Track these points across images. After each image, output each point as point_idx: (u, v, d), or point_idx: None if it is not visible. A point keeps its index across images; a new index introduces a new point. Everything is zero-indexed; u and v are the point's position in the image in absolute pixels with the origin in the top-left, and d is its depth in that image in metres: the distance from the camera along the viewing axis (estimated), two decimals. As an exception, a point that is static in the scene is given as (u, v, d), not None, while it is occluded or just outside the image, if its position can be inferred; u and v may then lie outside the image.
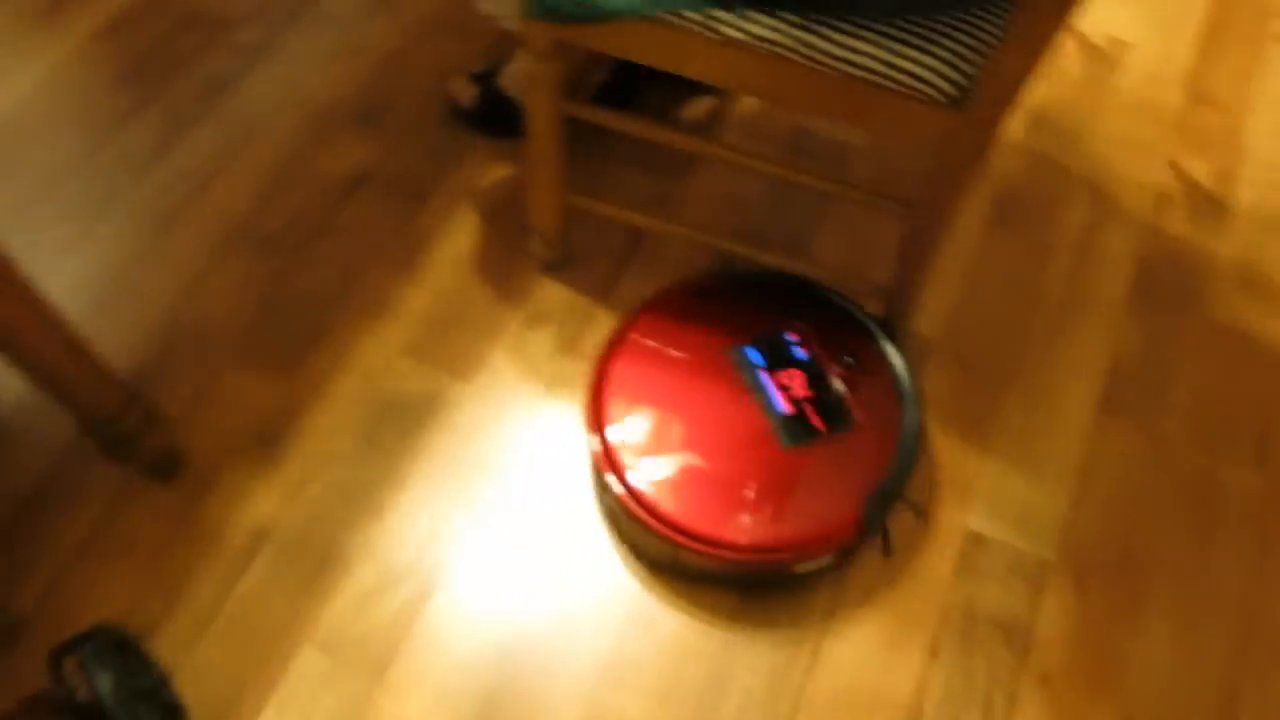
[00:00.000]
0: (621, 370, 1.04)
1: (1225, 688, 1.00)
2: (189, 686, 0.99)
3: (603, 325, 1.21)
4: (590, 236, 1.28)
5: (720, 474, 0.99)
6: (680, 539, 0.96)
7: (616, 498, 0.99)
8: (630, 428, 1.01)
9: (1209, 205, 1.33)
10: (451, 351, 1.19)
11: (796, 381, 1.03)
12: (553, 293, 1.24)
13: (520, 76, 1.30)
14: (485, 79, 1.34)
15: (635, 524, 0.99)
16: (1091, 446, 1.14)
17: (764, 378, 1.03)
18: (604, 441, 1.00)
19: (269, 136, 1.37)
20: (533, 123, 1.04)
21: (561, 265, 1.25)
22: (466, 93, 1.34)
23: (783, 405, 1.02)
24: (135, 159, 1.35)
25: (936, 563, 1.07)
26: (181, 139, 1.37)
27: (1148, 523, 1.09)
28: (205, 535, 1.07)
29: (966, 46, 0.82)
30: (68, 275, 1.24)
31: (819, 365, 1.04)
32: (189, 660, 1.00)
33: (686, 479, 0.98)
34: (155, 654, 1.00)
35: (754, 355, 1.05)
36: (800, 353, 1.05)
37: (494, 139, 1.36)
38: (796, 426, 1.01)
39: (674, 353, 1.05)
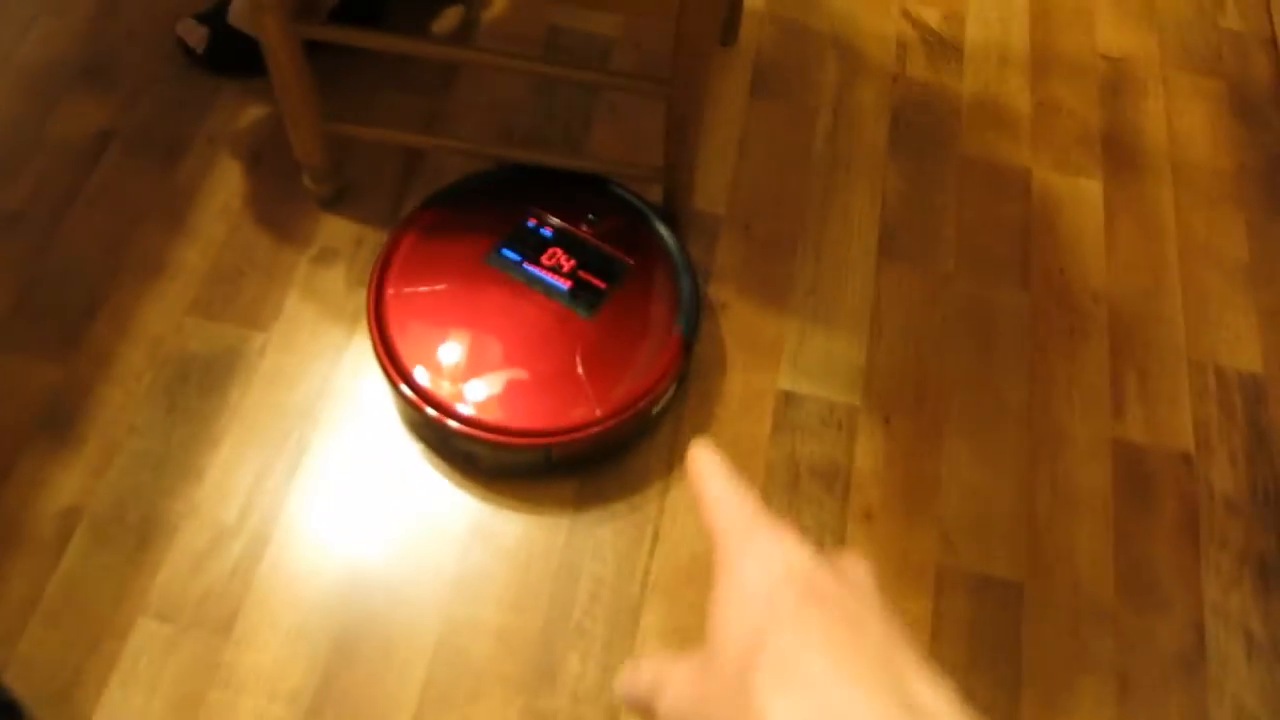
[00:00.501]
0: (399, 317, 1.04)
1: (1023, 486, 1.12)
2: (19, 681, 0.95)
3: (393, 250, 1.20)
4: (366, 165, 1.26)
5: (545, 371, 1.01)
6: (549, 440, 0.99)
7: (457, 433, 1.00)
8: (436, 367, 1.01)
9: (944, 48, 1.43)
10: (241, 302, 1.16)
11: (559, 257, 1.06)
12: (336, 227, 1.21)
13: (248, 8, 1.24)
14: (213, 18, 1.27)
15: (494, 448, 1.00)
16: (878, 292, 1.23)
17: (530, 269, 1.06)
18: (415, 388, 1.01)
19: (-5, 110, 1.27)
20: (271, 54, 1.01)
21: (340, 198, 1.22)
22: (195, 35, 1.27)
23: (561, 284, 1.05)
24: None
25: (754, 424, 1.13)
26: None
27: (936, 354, 1.19)
28: (7, 529, 1.02)
29: (682, -89, 0.85)
30: None
31: (569, 234, 1.09)
32: (14, 655, 0.96)
33: (518, 388, 1.01)
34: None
35: (509, 253, 1.07)
36: (546, 231, 1.09)
37: (236, 79, 1.30)
38: (583, 294, 1.05)
39: (439, 285, 1.06)
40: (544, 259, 1.07)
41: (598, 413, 1.00)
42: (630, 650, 1.00)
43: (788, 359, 1.17)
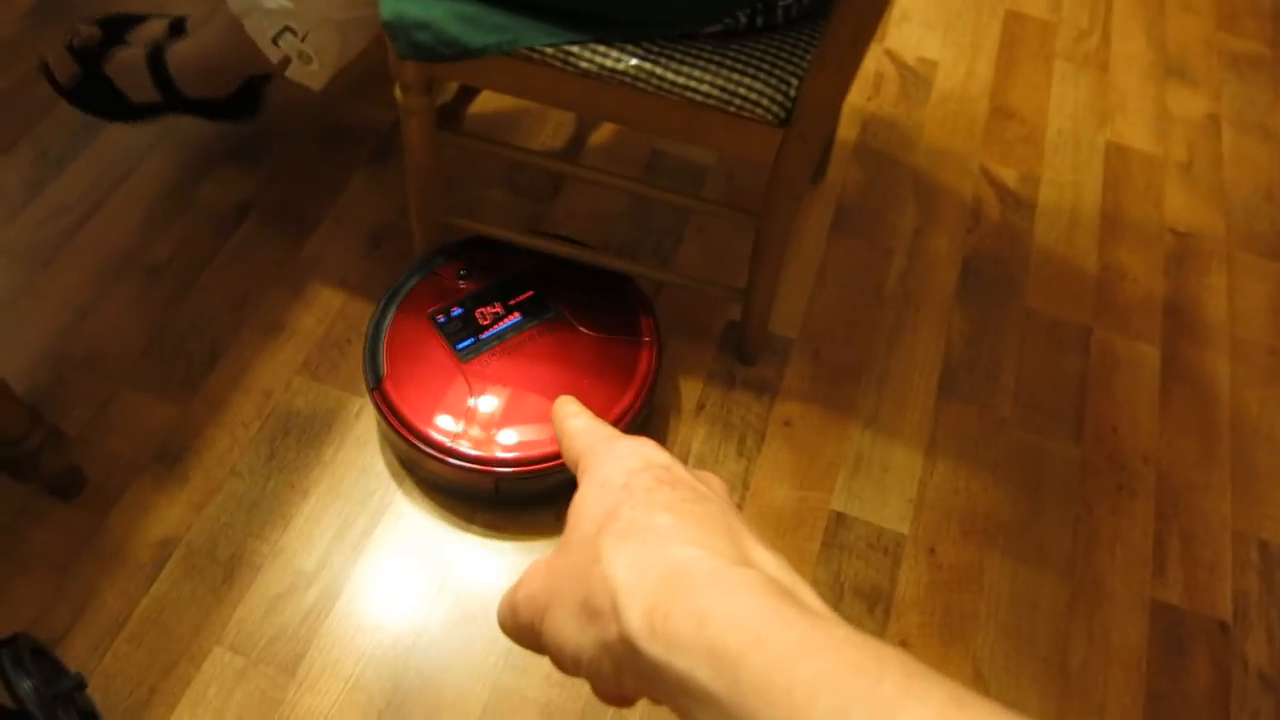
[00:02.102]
0: (414, 399, 1.13)
1: (1059, 633, 1.15)
2: (99, 693, 1.03)
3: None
4: (472, 255, 1.38)
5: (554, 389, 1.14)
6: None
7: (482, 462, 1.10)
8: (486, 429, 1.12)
9: (1018, 206, 1.51)
10: (346, 369, 1.26)
11: (489, 309, 1.19)
12: (439, 308, 1.32)
13: (128, 69, 1.30)
14: (86, 58, 1.31)
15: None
16: (934, 428, 1.29)
17: (485, 335, 1.18)
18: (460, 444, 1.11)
19: (145, 170, 1.42)
20: (411, 153, 1.13)
21: (446, 283, 1.34)
22: (66, 70, 1.31)
23: (512, 319, 1.18)
24: (7, 198, 1.38)
25: (804, 540, 1.19)
26: (56, 176, 1.41)
27: (985, 494, 1.24)
28: (110, 549, 1.12)
29: (788, 73, 0.95)
30: (-47, 312, 1.27)
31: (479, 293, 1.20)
32: (99, 667, 1.04)
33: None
34: (65, 662, 1.04)
35: (462, 345, 1.17)
36: (457, 311, 1.19)
37: (88, 113, 1.35)
38: (534, 309, 1.20)
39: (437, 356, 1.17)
40: (481, 318, 1.18)
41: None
42: None
43: (843, 481, 1.23)
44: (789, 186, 1.04)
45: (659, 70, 0.95)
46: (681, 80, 0.95)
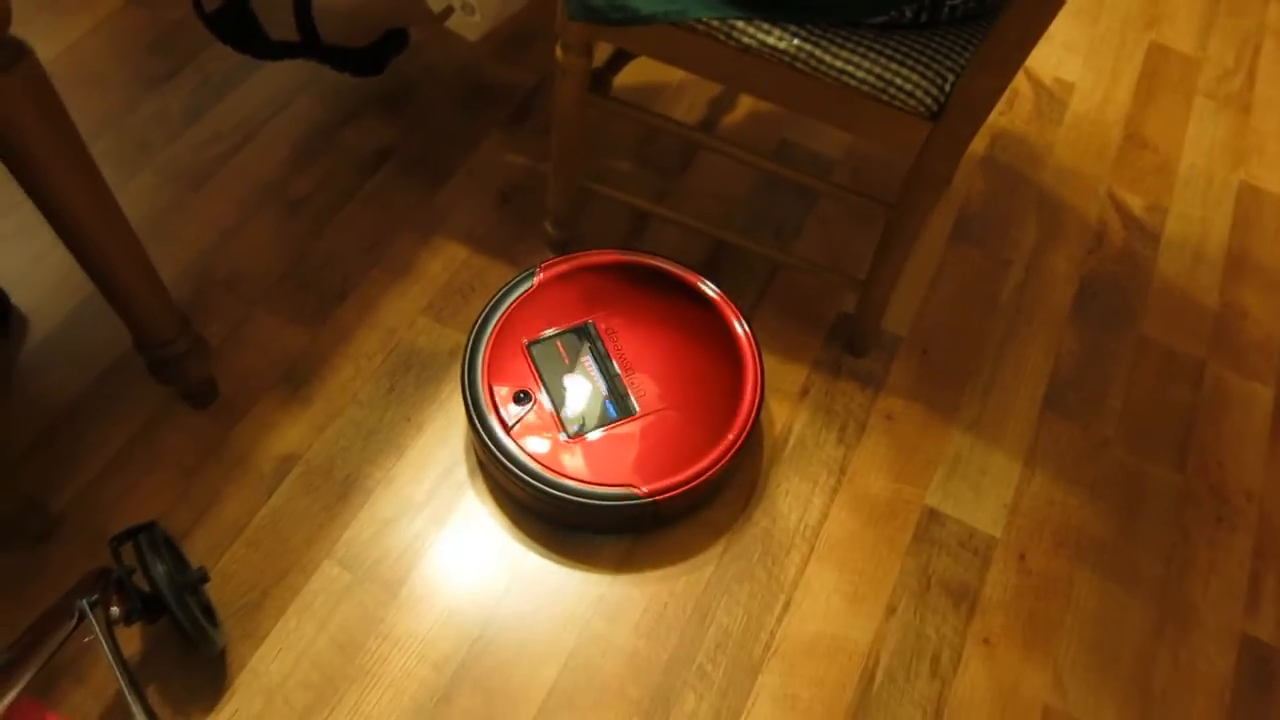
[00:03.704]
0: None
1: (1144, 654, 1.15)
2: (215, 591, 1.09)
3: (605, 300, 1.34)
4: (595, 222, 1.42)
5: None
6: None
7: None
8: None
9: (1142, 234, 1.50)
10: (467, 314, 1.31)
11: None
12: (561, 268, 1.37)
13: (273, 4, 1.29)
14: None
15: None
16: (1035, 440, 1.29)
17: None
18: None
19: (296, 108, 1.49)
20: (560, 115, 1.18)
21: (568, 245, 1.38)
22: None
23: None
24: (168, 121, 1.46)
25: (896, 530, 1.20)
26: (214, 105, 1.48)
27: (1081, 510, 1.24)
28: (235, 458, 1.18)
29: (947, 69, 0.97)
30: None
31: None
32: (217, 567, 1.10)
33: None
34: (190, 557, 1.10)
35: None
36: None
37: (224, 42, 1.37)
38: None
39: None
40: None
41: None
42: (743, 704, 1.07)
43: (939, 479, 1.24)
44: (930, 181, 1.05)
45: (818, 52, 0.98)
46: (839, 64, 0.98)
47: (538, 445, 1.11)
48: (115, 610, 0.93)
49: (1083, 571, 1.20)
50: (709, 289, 1.22)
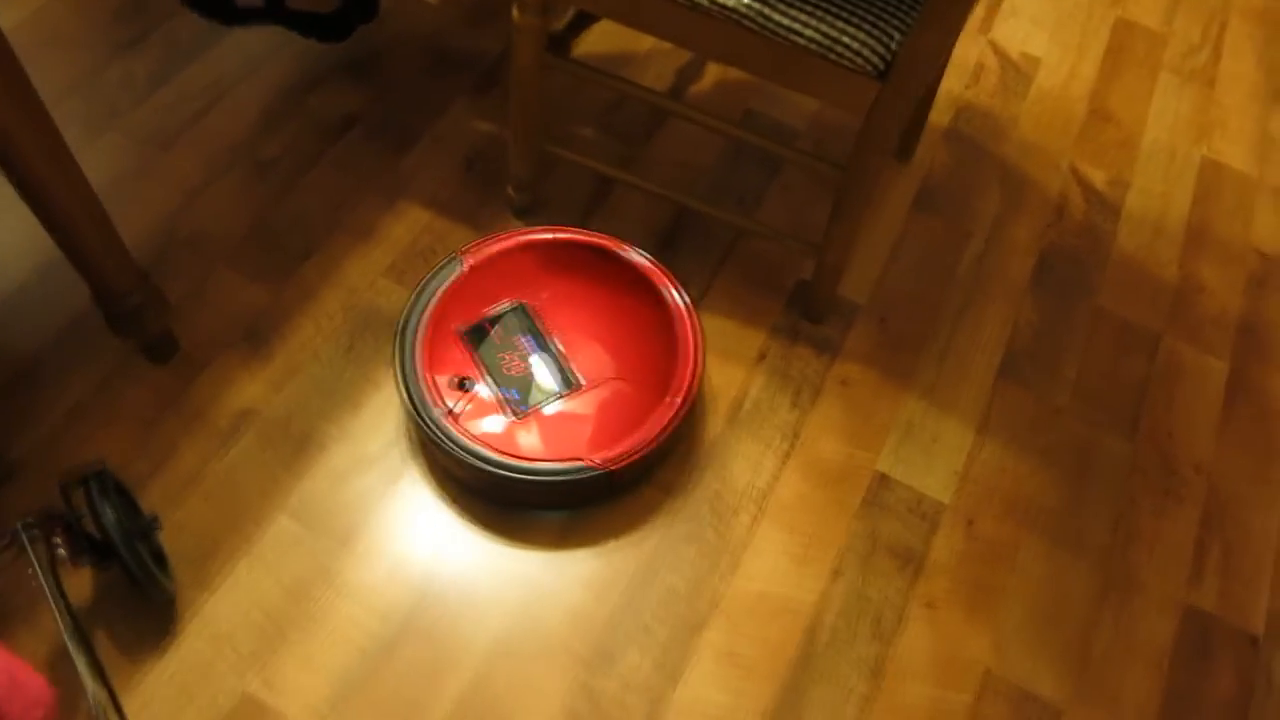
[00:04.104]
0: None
1: (1086, 620, 1.16)
2: (169, 539, 1.10)
3: (565, 264, 1.36)
4: (559, 188, 1.43)
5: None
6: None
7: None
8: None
9: (1103, 208, 1.51)
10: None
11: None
12: (523, 233, 1.38)
13: None
14: None
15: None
16: (989, 407, 1.31)
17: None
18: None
19: (264, 73, 1.50)
20: (518, 77, 1.19)
21: (531, 209, 1.39)
22: None
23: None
24: (135, 84, 1.47)
25: (847, 493, 1.22)
26: (181, 70, 1.49)
27: (1031, 477, 1.26)
28: (193, 412, 1.19)
29: (893, 27, 0.98)
30: (78, 179, 1.36)
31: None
32: (171, 516, 1.12)
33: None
34: (141, 506, 1.11)
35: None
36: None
37: (191, 9, 1.42)
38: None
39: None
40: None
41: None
42: (685, 660, 1.09)
43: (891, 445, 1.26)
44: (877, 143, 1.06)
45: (766, 10, 0.99)
46: (786, 23, 0.98)
47: (486, 428, 1.12)
48: (62, 551, 0.94)
49: (1029, 538, 1.21)
50: (639, 256, 1.23)
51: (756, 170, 1.48)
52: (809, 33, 0.98)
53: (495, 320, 1.19)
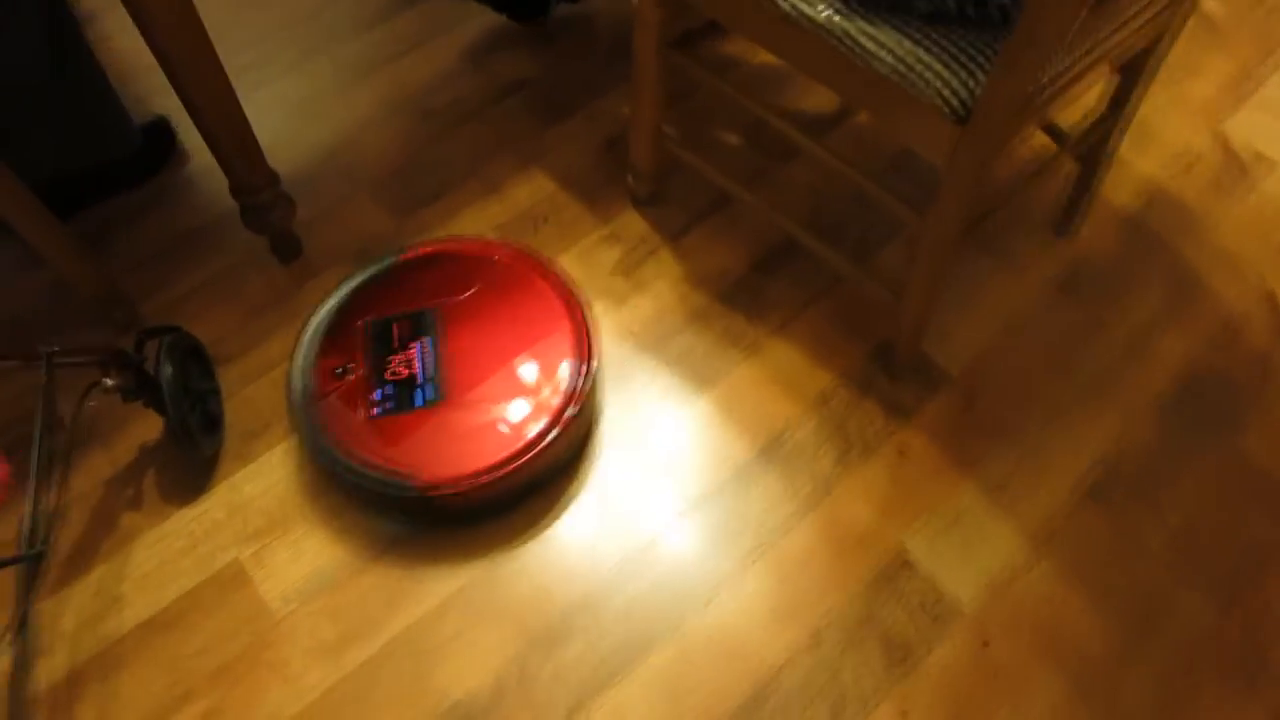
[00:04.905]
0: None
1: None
2: (234, 411, 1.23)
3: (662, 261, 1.35)
4: (684, 188, 1.42)
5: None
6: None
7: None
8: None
9: (1285, 339, 1.29)
10: (534, 241, 1.37)
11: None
12: (633, 222, 1.39)
13: None
14: None
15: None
16: (1060, 526, 1.15)
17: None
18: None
19: (459, 31, 1.61)
20: (637, 64, 1.20)
21: (649, 203, 1.40)
22: None
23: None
24: (361, 20, 1.63)
25: (859, 563, 1.12)
26: (401, 14, 1.64)
27: (1080, 618, 1.10)
28: (293, 310, 1.32)
29: (979, 67, 0.90)
30: (270, 90, 1.54)
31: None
32: (240, 392, 1.24)
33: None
34: (219, 377, 1.25)
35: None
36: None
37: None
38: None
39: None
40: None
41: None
42: (624, 670, 1.05)
43: (929, 530, 1.15)
44: (957, 192, 0.97)
45: (850, 29, 0.93)
46: (869, 44, 0.93)
47: (340, 418, 1.12)
48: (109, 381, 1.07)
49: (1050, 678, 1.06)
50: (557, 289, 1.19)
51: (885, 217, 1.39)
52: (890, 58, 0.92)
53: (401, 320, 1.19)
